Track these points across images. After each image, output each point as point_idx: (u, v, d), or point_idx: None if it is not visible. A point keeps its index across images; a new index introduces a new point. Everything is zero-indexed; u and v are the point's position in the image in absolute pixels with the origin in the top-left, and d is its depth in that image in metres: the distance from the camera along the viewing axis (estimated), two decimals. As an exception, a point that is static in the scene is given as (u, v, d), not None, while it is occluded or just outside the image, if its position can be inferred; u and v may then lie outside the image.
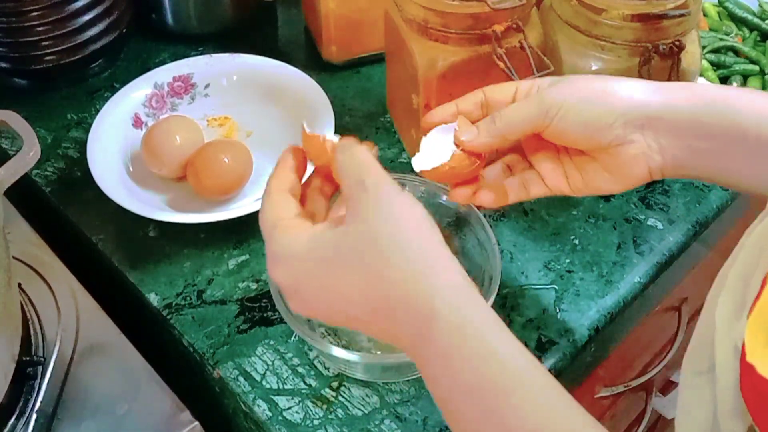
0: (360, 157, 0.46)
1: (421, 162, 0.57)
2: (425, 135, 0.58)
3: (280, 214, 0.47)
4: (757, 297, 0.35)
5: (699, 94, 0.53)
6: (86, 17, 0.87)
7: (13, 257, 0.65)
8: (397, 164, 0.81)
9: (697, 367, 0.41)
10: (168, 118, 0.79)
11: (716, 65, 0.87)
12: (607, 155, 0.54)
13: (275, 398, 0.63)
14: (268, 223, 0.47)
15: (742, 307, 0.37)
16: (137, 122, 0.83)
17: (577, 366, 0.69)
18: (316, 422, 0.62)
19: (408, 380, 0.64)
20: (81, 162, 0.79)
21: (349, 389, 0.64)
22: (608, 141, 0.53)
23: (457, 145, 0.56)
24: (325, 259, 0.44)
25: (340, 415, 0.62)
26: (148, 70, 0.86)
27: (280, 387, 0.64)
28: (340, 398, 0.63)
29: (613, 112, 0.53)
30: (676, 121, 0.52)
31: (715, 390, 0.38)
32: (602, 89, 0.53)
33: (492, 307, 0.67)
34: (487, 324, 0.43)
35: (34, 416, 0.59)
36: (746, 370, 0.35)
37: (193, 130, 0.79)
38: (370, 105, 0.88)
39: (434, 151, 0.57)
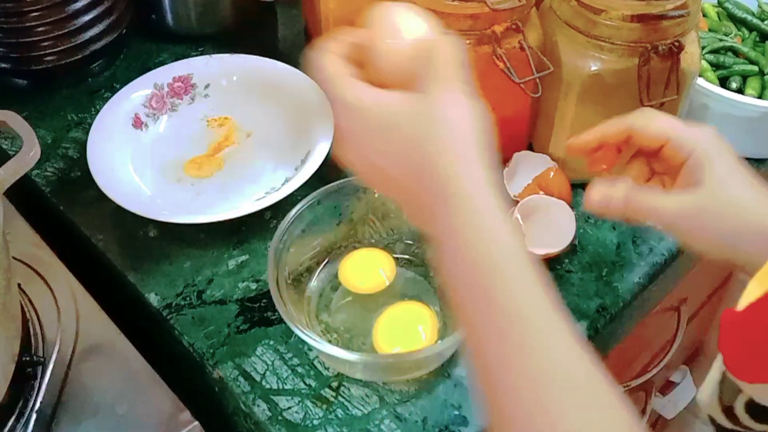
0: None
1: None
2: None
3: (342, 70, 0.49)
4: None
5: None
6: (86, 18, 0.87)
7: (13, 257, 0.65)
8: (397, 164, 0.81)
9: None
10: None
11: (715, 66, 0.87)
12: None
13: (275, 398, 0.63)
14: (331, 72, 0.48)
15: None
16: (137, 122, 0.83)
17: (576, 366, 0.69)
18: (315, 422, 0.62)
19: (408, 380, 0.64)
20: (81, 162, 0.79)
21: (348, 389, 0.64)
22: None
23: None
24: (384, 114, 0.46)
25: (339, 415, 0.62)
26: (148, 70, 0.86)
27: (280, 387, 0.64)
28: (340, 398, 0.63)
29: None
30: None
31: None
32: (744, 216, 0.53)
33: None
34: (497, 222, 0.44)
35: (34, 416, 0.59)
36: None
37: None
38: (370, 105, 0.88)
39: None
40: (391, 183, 0.47)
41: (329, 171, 0.77)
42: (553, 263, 0.72)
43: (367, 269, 0.70)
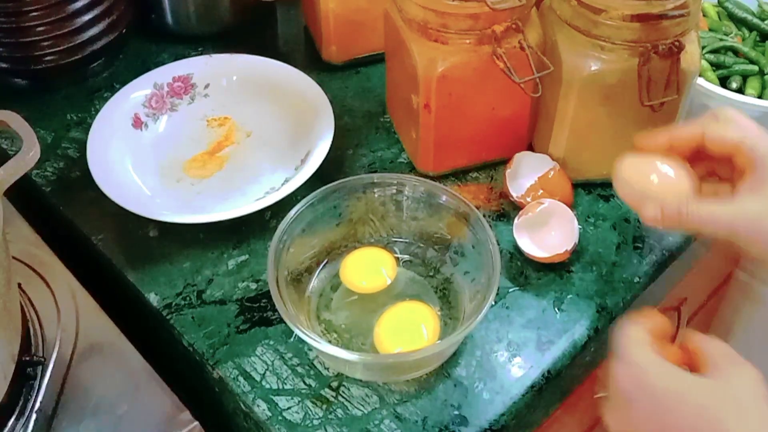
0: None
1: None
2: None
3: (646, 339, 0.50)
4: None
5: None
6: (86, 17, 0.87)
7: (13, 257, 0.65)
8: (397, 164, 0.81)
9: None
10: None
11: (715, 65, 0.87)
12: None
13: (275, 398, 0.63)
14: (634, 338, 0.49)
15: None
16: (137, 122, 0.83)
17: (576, 366, 0.69)
18: (315, 422, 0.62)
19: (408, 380, 0.64)
20: (81, 162, 0.79)
21: (348, 389, 0.64)
22: None
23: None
24: (675, 392, 0.46)
25: (339, 415, 0.62)
26: (148, 70, 0.86)
27: (280, 387, 0.64)
28: (340, 398, 0.63)
29: None
30: None
31: None
32: None
33: (492, 307, 0.67)
34: None
35: (34, 416, 0.59)
36: None
37: None
38: (370, 105, 0.88)
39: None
40: None
41: (329, 171, 0.77)
42: (552, 263, 0.72)
43: (368, 268, 0.70)
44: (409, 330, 0.65)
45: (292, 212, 0.67)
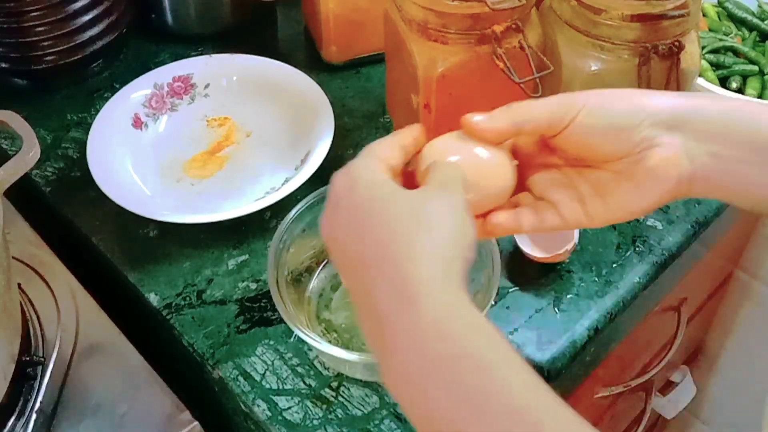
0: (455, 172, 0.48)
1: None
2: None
3: (382, 154, 0.49)
4: None
5: (725, 103, 0.51)
6: (86, 17, 0.87)
7: (13, 257, 0.65)
8: (397, 164, 0.81)
9: None
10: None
11: (715, 65, 0.87)
12: (631, 164, 0.49)
13: (275, 398, 0.63)
14: (371, 151, 0.49)
15: None
16: (137, 122, 0.83)
17: (576, 366, 0.69)
18: (315, 422, 0.62)
19: (408, 380, 0.64)
20: (81, 162, 0.79)
21: (348, 389, 0.64)
22: (635, 143, 0.48)
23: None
24: (373, 199, 0.46)
25: (339, 415, 0.62)
26: (148, 70, 0.86)
27: (280, 387, 0.64)
28: (340, 398, 0.63)
29: (641, 111, 0.48)
30: (705, 124, 0.49)
31: None
32: (629, 93, 0.50)
33: (492, 307, 0.67)
34: (477, 315, 0.42)
35: (34, 416, 0.59)
36: None
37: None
38: (370, 105, 0.88)
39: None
40: (352, 262, 0.45)
41: (329, 171, 0.77)
42: (553, 263, 0.72)
43: None
44: None
45: (292, 212, 0.67)
